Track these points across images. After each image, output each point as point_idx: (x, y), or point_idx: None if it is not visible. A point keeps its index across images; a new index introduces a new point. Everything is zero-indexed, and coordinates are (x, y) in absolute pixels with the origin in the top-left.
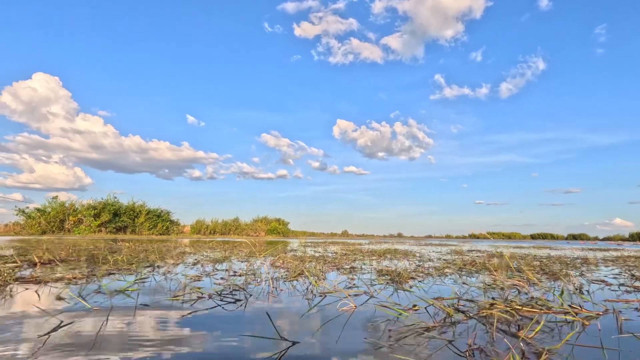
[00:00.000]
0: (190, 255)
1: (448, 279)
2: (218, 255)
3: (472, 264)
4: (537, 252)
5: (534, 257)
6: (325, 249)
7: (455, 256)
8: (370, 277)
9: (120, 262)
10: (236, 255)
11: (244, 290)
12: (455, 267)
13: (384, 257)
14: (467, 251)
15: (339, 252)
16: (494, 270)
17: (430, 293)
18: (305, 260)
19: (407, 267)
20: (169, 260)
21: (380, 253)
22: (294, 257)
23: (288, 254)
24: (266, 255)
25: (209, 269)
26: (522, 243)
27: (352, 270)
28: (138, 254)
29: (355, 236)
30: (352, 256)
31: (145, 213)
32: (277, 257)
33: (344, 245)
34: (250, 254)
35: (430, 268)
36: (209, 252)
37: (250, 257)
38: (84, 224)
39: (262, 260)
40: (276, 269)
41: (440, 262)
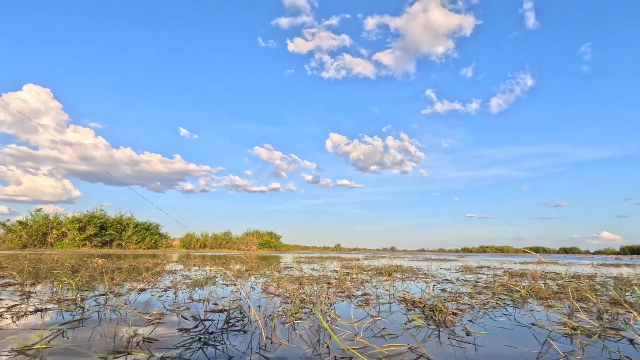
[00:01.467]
0: (167, 275)
1: (503, 313)
2: (200, 275)
3: (504, 286)
4: (553, 268)
5: (566, 276)
6: (323, 266)
7: (470, 275)
8: (393, 309)
9: (72, 285)
10: (222, 275)
11: (222, 344)
12: (490, 290)
13: (392, 277)
14: (477, 268)
15: (340, 271)
16: (545, 296)
17: (499, 342)
18: (303, 283)
19: (432, 293)
20: (134, 284)
21: (386, 271)
22: (290, 277)
23: (282, 273)
24: (257, 275)
25: (182, 298)
26: (517, 257)
27: (367, 300)
28: (103, 273)
29: (349, 250)
30: (355, 276)
31: (133, 226)
32: (271, 279)
33: (342, 261)
34: (239, 273)
35: (463, 294)
36: (192, 270)
37: (239, 278)
38: (67, 238)
39: (252, 282)
40: (270, 296)
41: (462, 283)
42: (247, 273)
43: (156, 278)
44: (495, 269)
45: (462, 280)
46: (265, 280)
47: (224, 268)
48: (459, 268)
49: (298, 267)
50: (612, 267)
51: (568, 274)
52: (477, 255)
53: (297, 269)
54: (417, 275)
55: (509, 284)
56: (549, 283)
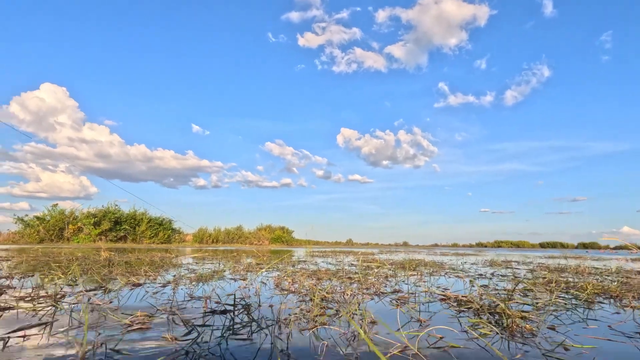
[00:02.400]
0: (172, 268)
1: (582, 317)
2: (207, 270)
3: (556, 282)
4: (588, 263)
5: (613, 272)
6: (338, 260)
7: (502, 269)
8: (435, 309)
9: (66, 276)
10: (231, 269)
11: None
12: (542, 287)
13: (418, 271)
14: (504, 262)
15: (359, 264)
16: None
17: None
18: (321, 277)
19: (480, 291)
20: (132, 278)
21: (409, 265)
22: (305, 271)
23: (297, 267)
24: (269, 269)
25: (182, 295)
26: (537, 252)
27: (401, 299)
28: (103, 267)
29: (360, 245)
30: (377, 270)
31: (147, 221)
32: (284, 274)
33: (357, 255)
34: (249, 267)
35: (513, 292)
36: (200, 263)
37: (249, 272)
38: (83, 233)
39: (263, 276)
40: (284, 293)
41: (499, 278)
42: (259, 267)
43: (158, 271)
44: (526, 264)
45: (499, 276)
46: (278, 274)
47: (235, 261)
48: (485, 262)
49: (312, 261)
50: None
51: (613, 269)
52: (494, 250)
53: (312, 262)
54: (445, 270)
55: (561, 279)
56: (604, 278)
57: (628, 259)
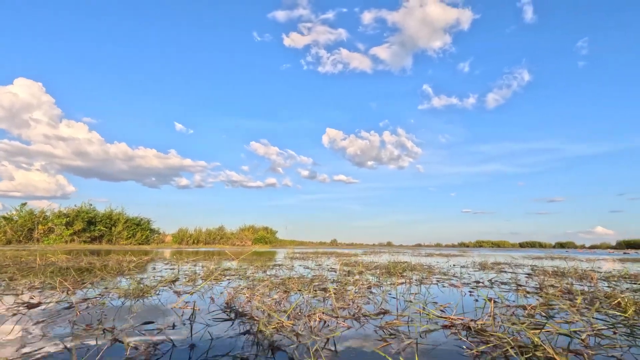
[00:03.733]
0: (122, 275)
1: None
2: (159, 276)
3: (573, 294)
4: (576, 265)
5: (616, 276)
6: (318, 263)
7: (496, 273)
8: (443, 346)
9: None
10: (189, 276)
11: None
12: (556, 297)
13: (406, 278)
14: (493, 264)
15: (339, 269)
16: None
17: None
18: (290, 289)
19: (493, 311)
20: (35, 296)
21: (395, 270)
22: (275, 280)
23: (268, 273)
24: (232, 278)
25: (90, 318)
26: (519, 252)
27: (389, 327)
28: (31, 274)
29: (345, 245)
30: (359, 277)
31: (124, 221)
32: (246, 284)
33: (339, 257)
34: (210, 274)
35: (531, 309)
36: (159, 268)
37: (207, 280)
38: (54, 234)
39: (219, 288)
40: (228, 319)
41: (501, 287)
42: (221, 274)
43: (93, 281)
44: (518, 266)
45: (498, 283)
46: (240, 284)
47: (204, 265)
48: (475, 265)
49: (289, 265)
50: (637, 263)
51: (619, 273)
52: (477, 250)
53: (288, 266)
54: (436, 275)
55: (569, 285)
56: (615, 285)
57: (615, 259)
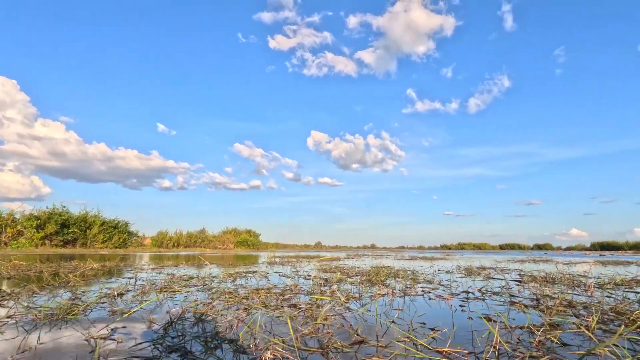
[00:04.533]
0: (67, 286)
1: None
2: (107, 288)
3: (568, 305)
4: (562, 268)
5: (615, 283)
6: (296, 269)
7: (480, 280)
8: None
9: None
10: (141, 288)
11: None
12: (561, 313)
13: (389, 287)
14: (478, 269)
15: (316, 277)
16: None
17: None
18: (252, 305)
19: (507, 345)
20: None
21: (377, 277)
22: (239, 293)
23: (236, 283)
24: (189, 290)
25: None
26: (501, 255)
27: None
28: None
29: (329, 248)
30: (337, 287)
31: (100, 224)
32: (202, 298)
33: (320, 261)
34: (171, 283)
35: (546, 332)
36: (125, 273)
37: (164, 292)
38: (24, 237)
39: (161, 302)
40: (160, 352)
41: (493, 298)
42: (184, 284)
43: (22, 295)
44: (503, 271)
45: (489, 294)
46: (196, 298)
47: (170, 272)
48: (459, 269)
49: (264, 272)
50: (621, 266)
51: (602, 279)
52: (459, 252)
53: (262, 273)
54: (420, 283)
55: (569, 296)
56: (614, 296)
57: (595, 261)
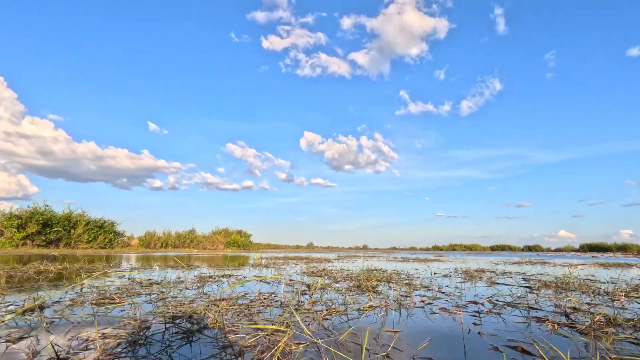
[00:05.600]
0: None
1: None
2: (64, 298)
3: (611, 323)
4: (568, 272)
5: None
6: (280, 271)
7: (482, 284)
8: None
9: None
10: (79, 295)
11: None
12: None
13: (383, 299)
14: (476, 271)
15: (297, 284)
16: None
17: None
18: (209, 324)
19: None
20: None
21: (367, 284)
22: (199, 305)
23: (201, 290)
24: (155, 292)
25: None
26: (492, 257)
27: None
28: None
29: (321, 248)
30: (320, 296)
31: (85, 223)
32: (123, 324)
33: (309, 263)
34: (119, 294)
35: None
36: (87, 276)
37: (98, 301)
38: (3, 237)
39: (111, 315)
40: None
41: (509, 311)
42: (136, 292)
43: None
44: (504, 274)
45: (503, 305)
46: (136, 314)
47: (133, 277)
48: (458, 273)
49: (242, 275)
50: (621, 268)
51: (623, 286)
52: (452, 253)
53: (239, 277)
54: (417, 290)
55: (597, 309)
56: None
57: (595, 263)
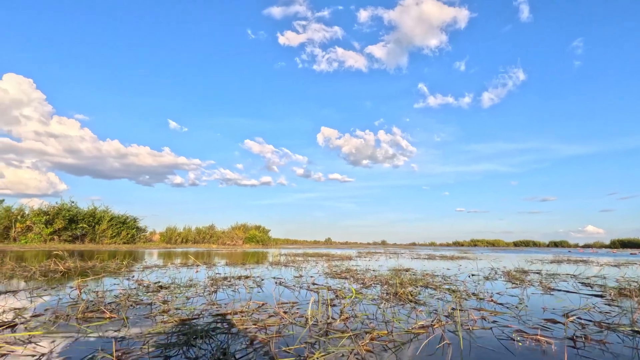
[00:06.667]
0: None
1: None
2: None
3: None
4: (610, 272)
5: None
6: (300, 273)
7: (537, 290)
8: None
9: None
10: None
11: None
12: None
13: (434, 318)
14: (517, 272)
15: (326, 286)
16: None
17: None
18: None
19: None
20: None
21: (402, 286)
22: (198, 324)
23: (211, 298)
24: (148, 302)
25: None
26: (520, 253)
27: None
28: None
29: (339, 244)
30: (352, 309)
31: (108, 219)
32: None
33: (330, 261)
34: (96, 302)
35: None
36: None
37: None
38: (32, 232)
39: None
40: None
41: (609, 338)
42: (132, 300)
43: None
44: (555, 277)
45: (594, 324)
46: (124, 333)
47: (138, 280)
48: (497, 274)
49: (260, 276)
50: None
51: None
52: (477, 250)
53: (257, 280)
54: (463, 297)
55: None
56: None
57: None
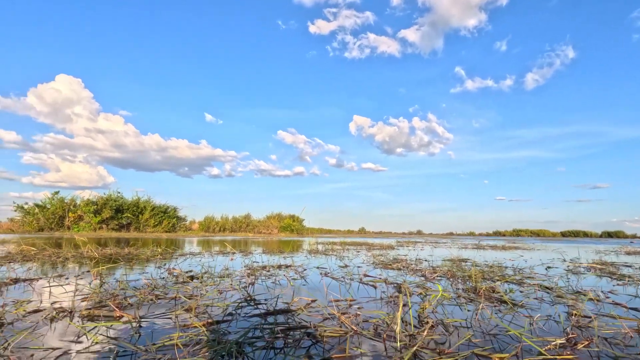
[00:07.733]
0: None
1: None
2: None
3: None
4: None
5: None
6: (343, 261)
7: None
8: None
9: None
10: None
11: None
12: None
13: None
14: (591, 265)
15: (381, 278)
16: None
17: None
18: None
19: None
20: None
21: (475, 279)
22: (217, 332)
23: (248, 290)
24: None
25: None
26: (572, 243)
27: None
28: None
29: (374, 234)
30: (433, 313)
31: (150, 209)
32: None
33: (371, 249)
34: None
35: None
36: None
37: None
38: (83, 221)
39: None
40: None
41: None
42: (162, 290)
43: None
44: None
45: None
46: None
47: (177, 270)
48: (582, 268)
49: (301, 265)
50: None
51: None
52: (527, 239)
53: (298, 270)
54: (560, 295)
55: None
56: None
57: None
